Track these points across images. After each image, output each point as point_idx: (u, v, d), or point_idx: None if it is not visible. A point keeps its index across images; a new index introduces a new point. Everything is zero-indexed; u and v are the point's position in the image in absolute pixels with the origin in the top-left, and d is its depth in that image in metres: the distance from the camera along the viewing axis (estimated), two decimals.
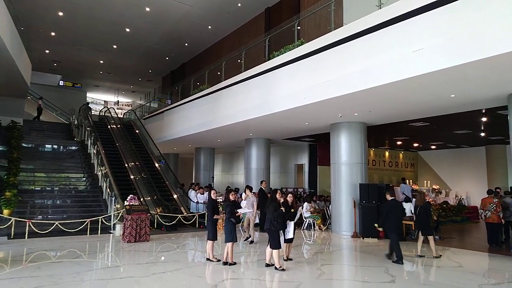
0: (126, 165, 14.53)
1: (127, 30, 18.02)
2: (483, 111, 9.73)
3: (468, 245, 9.95)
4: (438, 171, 19.64)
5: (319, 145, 17.11)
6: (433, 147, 18.96)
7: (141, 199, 12.14)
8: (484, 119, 11.01)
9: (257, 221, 12.57)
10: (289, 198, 7.45)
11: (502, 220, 9.47)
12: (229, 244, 6.79)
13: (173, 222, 11.18)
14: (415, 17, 6.53)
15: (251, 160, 15.16)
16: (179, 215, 11.49)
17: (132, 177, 13.78)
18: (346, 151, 11.27)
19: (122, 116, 23.35)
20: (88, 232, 10.01)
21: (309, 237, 10.75)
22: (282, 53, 10.06)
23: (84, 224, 10.01)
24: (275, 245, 6.53)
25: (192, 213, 12.52)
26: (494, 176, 16.11)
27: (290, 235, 7.04)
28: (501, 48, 5.41)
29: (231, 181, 22.96)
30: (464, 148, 18.16)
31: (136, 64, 23.60)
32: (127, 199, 9.92)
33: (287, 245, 7.35)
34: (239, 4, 15.50)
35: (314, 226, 11.96)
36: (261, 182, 12.04)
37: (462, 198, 16.82)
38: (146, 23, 17.18)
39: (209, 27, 17.74)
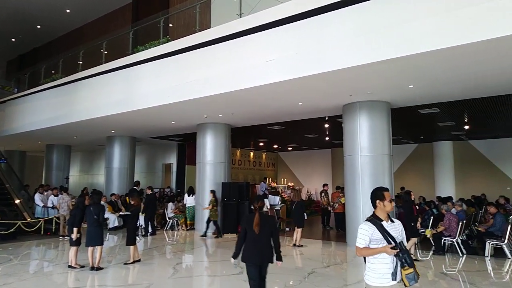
0: None
1: None
2: (326, 118, 11.30)
3: (313, 235, 11.39)
4: (294, 170, 21.94)
5: (187, 145, 17.12)
6: (290, 148, 21.10)
7: None
8: (327, 125, 12.78)
9: (116, 224, 11.91)
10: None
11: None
12: (99, 248, 6.49)
13: (11, 230, 9.65)
14: (268, 30, 7.14)
15: (113, 159, 14.21)
16: (19, 222, 9.99)
17: None
18: (211, 151, 11.61)
19: None
20: None
21: (172, 237, 10.68)
22: (147, 48, 9.73)
23: None
24: None
25: (37, 218, 11.01)
26: (337, 175, 18.79)
27: None
28: (334, 65, 6.37)
29: (90, 182, 21.02)
30: (315, 150, 20.73)
31: None
32: None
33: None
34: None
35: (178, 226, 11.95)
36: (148, 188, 11.83)
37: (312, 194, 19.13)
38: None
39: (68, 11, 15.89)
